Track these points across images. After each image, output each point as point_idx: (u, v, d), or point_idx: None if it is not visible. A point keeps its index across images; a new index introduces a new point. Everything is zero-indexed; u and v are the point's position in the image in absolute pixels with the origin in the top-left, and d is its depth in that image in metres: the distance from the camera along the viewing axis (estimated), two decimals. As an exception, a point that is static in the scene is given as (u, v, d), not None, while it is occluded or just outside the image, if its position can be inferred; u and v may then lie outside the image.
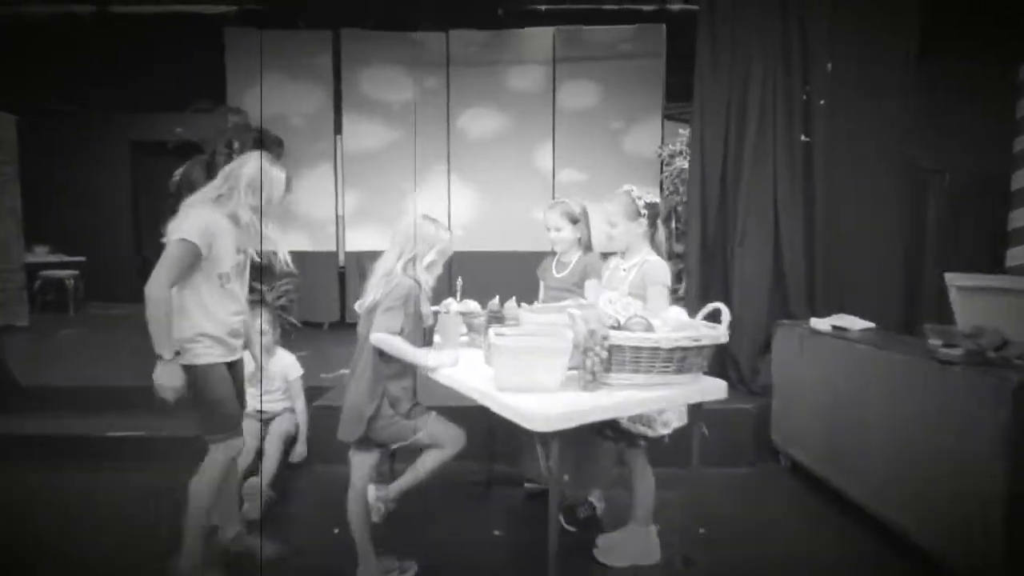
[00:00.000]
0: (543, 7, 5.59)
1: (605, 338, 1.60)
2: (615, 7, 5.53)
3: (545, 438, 1.51)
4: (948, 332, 2.28)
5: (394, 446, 2.11)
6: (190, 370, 1.95)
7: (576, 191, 5.72)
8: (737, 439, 3.17)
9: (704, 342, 1.67)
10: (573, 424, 1.50)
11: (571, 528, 2.55)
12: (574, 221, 2.57)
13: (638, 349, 1.62)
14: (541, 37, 5.62)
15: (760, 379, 3.41)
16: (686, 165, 5.20)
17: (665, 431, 2.02)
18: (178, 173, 4.95)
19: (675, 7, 5.48)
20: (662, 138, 5.60)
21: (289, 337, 4.28)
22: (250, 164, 2.07)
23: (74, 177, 7.54)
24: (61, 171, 7.43)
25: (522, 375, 1.57)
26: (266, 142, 5.38)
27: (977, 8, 3.42)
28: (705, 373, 1.84)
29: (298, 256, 2.74)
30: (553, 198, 5.74)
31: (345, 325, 5.67)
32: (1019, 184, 3.35)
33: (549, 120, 5.68)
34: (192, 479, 2.04)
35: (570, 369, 1.67)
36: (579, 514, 2.61)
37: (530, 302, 2.50)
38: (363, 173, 5.75)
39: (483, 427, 2.67)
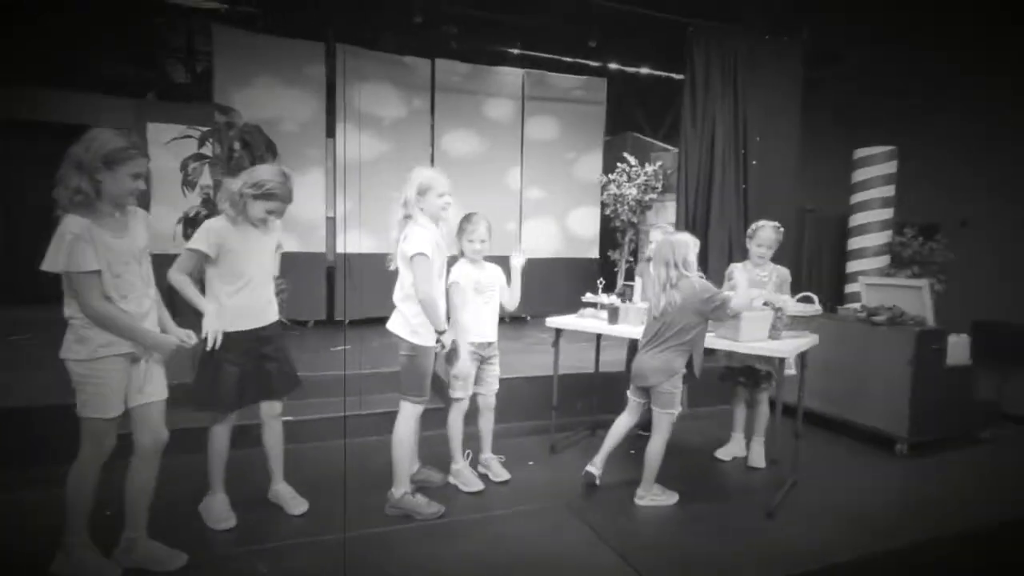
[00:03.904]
0: (516, 51, 6.67)
1: (784, 312, 2.87)
2: (570, 59, 6.84)
3: (775, 367, 2.72)
4: (871, 309, 4.03)
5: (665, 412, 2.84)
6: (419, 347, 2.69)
7: (538, 207, 6.90)
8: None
9: (818, 313, 3.05)
10: (796, 352, 2.75)
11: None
12: None
13: (795, 317, 2.94)
14: (513, 76, 6.65)
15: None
16: (619, 191, 6.74)
17: (792, 372, 3.32)
18: (193, 167, 4.83)
19: (613, 67, 6.99)
20: (602, 167, 7.05)
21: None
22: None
23: None
24: None
25: (755, 333, 2.76)
26: (266, 145, 5.48)
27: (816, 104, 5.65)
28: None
29: (289, 257, 3.35)
30: (520, 213, 6.82)
31: (332, 323, 6.02)
32: (854, 223, 5.58)
33: (518, 147, 6.74)
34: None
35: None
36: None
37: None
38: (353, 181, 6.11)
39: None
